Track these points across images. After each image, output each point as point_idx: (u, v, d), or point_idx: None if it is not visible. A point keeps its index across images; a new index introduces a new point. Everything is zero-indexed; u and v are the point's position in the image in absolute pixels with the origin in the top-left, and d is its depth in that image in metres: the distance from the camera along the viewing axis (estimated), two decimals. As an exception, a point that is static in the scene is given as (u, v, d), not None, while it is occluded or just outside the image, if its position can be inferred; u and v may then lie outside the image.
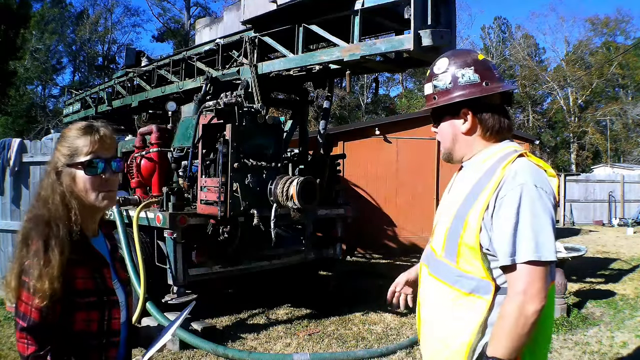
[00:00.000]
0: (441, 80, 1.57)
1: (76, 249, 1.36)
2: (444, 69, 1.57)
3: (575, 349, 4.60)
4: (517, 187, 1.39)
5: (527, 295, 1.33)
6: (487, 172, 1.49)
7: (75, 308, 1.34)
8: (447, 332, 1.49)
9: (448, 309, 1.49)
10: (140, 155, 6.31)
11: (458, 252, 1.47)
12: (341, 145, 9.80)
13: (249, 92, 5.28)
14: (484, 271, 1.44)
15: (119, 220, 5.44)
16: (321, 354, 4.36)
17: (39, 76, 29.28)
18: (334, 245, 6.22)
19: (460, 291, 1.47)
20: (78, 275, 1.35)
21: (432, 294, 1.58)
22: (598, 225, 17.36)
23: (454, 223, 1.50)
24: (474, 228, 1.43)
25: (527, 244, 1.35)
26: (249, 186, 4.70)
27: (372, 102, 34.76)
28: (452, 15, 4.48)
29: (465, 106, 1.55)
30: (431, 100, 1.61)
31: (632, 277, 7.79)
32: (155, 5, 35.89)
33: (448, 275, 1.50)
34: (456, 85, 1.54)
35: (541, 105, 39.23)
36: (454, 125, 1.58)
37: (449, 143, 1.62)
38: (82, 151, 1.42)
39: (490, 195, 1.42)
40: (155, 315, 4.79)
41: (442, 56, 1.62)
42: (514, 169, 1.44)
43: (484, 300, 1.43)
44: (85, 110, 10.08)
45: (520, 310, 1.33)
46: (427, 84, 1.63)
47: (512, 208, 1.38)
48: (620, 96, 37.88)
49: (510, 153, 1.51)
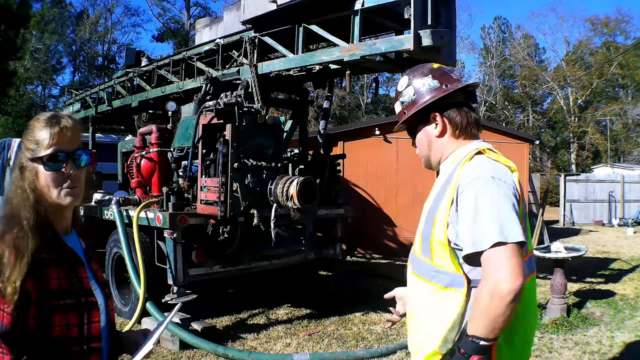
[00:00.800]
0: (406, 95, 1.69)
1: (47, 248, 1.27)
2: (406, 84, 1.69)
3: (575, 349, 4.60)
4: (474, 180, 1.46)
5: (499, 274, 1.34)
6: (451, 172, 1.58)
7: (52, 311, 1.24)
8: (430, 326, 1.55)
9: (428, 304, 1.56)
10: (140, 155, 6.32)
11: (431, 249, 1.55)
12: (341, 145, 9.79)
13: (249, 92, 5.28)
14: (454, 266, 1.50)
15: (119, 220, 5.44)
16: (321, 354, 4.36)
17: (39, 76, 29.30)
18: (334, 245, 6.23)
19: (437, 285, 1.53)
20: (52, 276, 1.26)
21: (414, 290, 1.66)
22: (598, 225, 17.36)
23: (426, 222, 1.59)
24: (442, 224, 1.51)
25: (491, 229, 1.37)
26: (249, 186, 4.70)
27: (372, 102, 34.77)
28: (452, 15, 4.48)
29: (432, 110, 1.64)
30: (402, 116, 1.71)
31: (632, 277, 7.79)
32: (155, 5, 35.94)
33: (426, 271, 1.58)
34: (419, 95, 1.65)
35: (541, 105, 39.28)
36: (427, 131, 1.68)
37: (426, 150, 1.71)
38: (43, 144, 1.32)
39: (452, 191, 1.50)
40: (155, 315, 4.80)
41: (402, 75, 1.75)
42: (471, 165, 1.53)
43: (459, 293, 1.48)
44: (85, 110, 10.07)
45: (493, 290, 1.34)
46: (395, 104, 1.74)
47: (471, 199, 1.44)
48: (620, 96, 37.89)
49: (468, 152, 1.59)
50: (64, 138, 1.33)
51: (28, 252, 1.22)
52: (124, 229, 5.40)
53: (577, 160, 35.19)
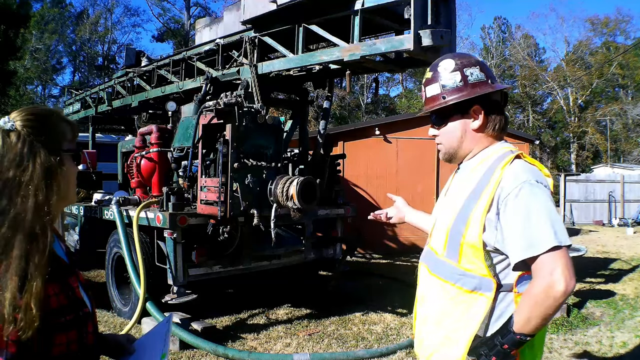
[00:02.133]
0: (450, 79, 1.58)
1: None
2: (452, 68, 1.59)
3: (575, 349, 4.60)
4: (521, 185, 1.43)
5: (555, 276, 1.36)
6: (486, 173, 1.53)
7: (54, 330, 1.13)
8: (450, 329, 1.53)
9: (451, 307, 1.53)
10: (140, 155, 6.32)
11: (460, 251, 1.51)
12: (341, 145, 9.80)
13: (249, 92, 5.27)
14: (485, 269, 1.47)
15: (119, 220, 5.44)
16: (321, 354, 4.36)
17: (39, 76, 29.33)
18: (334, 245, 6.23)
19: (462, 289, 1.50)
20: (50, 293, 1.13)
21: (434, 292, 1.61)
22: (598, 225, 17.36)
23: (456, 223, 1.53)
24: (477, 228, 1.47)
25: (547, 233, 1.38)
26: (249, 186, 4.70)
27: (372, 102, 34.77)
28: (452, 15, 4.48)
29: (476, 103, 1.57)
30: (439, 100, 1.60)
31: (632, 277, 7.79)
32: (155, 5, 35.95)
33: (450, 274, 1.54)
34: (467, 83, 1.56)
35: (541, 105, 39.26)
36: (465, 123, 1.60)
37: (456, 142, 1.62)
38: (67, 138, 1.23)
39: (491, 195, 1.46)
40: (155, 315, 4.80)
41: (445, 57, 1.63)
42: (513, 169, 1.48)
43: (485, 297, 1.47)
44: (85, 110, 10.07)
45: (549, 290, 1.35)
46: (432, 85, 1.62)
47: (521, 204, 1.42)
48: (620, 96, 37.90)
49: (507, 154, 1.55)
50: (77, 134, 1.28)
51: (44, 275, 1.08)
52: (124, 229, 5.40)
53: (577, 160, 35.18)
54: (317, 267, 6.85)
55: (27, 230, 1.09)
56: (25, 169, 1.12)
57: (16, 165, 1.12)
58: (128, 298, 5.56)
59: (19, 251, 1.07)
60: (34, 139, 1.15)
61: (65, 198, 1.24)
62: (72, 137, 1.25)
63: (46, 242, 1.11)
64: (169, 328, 1.46)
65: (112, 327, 5.20)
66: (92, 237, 6.68)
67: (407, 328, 5.20)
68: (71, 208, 7.17)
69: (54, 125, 1.21)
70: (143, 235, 5.31)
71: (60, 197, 1.19)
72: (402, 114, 20.31)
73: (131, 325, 4.93)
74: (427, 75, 1.66)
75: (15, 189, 1.11)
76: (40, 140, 1.16)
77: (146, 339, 1.49)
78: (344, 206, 6.18)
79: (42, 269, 1.08)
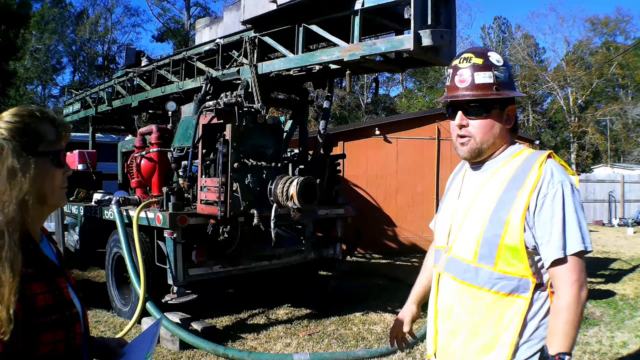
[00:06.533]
0: (502, 72, 1.56)
1: (30, 261, 1.14)
2: (502, 62, 1.57)
3: (575, 349, 4.60)
4: (558, 185, 1.45)
5: (580, 282, 1.40)
6: (517, 173, 1.51)
7: (39, 330, 1.13)
8: (488, 337, 1.49)
9: (487, 314, 1.50)
10: (140, 155, 6.32)
11: (498, 254, 1.47)
12: (341, 145, 9.80)
13: (249, 92, 5.28)
14: (525, 270, 1.46)
15: (119, 220, 5.44)
16: (321, 354, 4.36)
17: (39, 76, 29.30)
18: (334, 245, 6.23)
19: (499, 294, 1.48)
20: (36, 292, 1.14)
21: (465, 302, 1.55)
22: (598, 225, 17.36)
23: (490, 227, 1.49)
24: (517, 229, 1.45)
25: (576, 237, 1.42)
26: (249, 186, 4.70)
27: (372, 102, 34.76)
28: (452, 15, 4.48)
29: (511, 103, 1.60)
30: (490, 90, 1.54)
31: (632, 277, 7.79)
32: (155, 5, 35.93)
33: (485, 279, 1.50)
34: (510, 82, 1.58)
35: (541, 105, 39.26)
36: (500, 119, 1.58)
37: (492, 137, 1.57)
38: (50, 139, 1.22)
39: (530, 194, 1.46)
40: (155, 315, 4.80)
41: (489, 49, 1.62)
42: (549, 168, 1.48)
43: (522, 299, 1.46)
44: (85, 110, 10.07)
45: (578, 298, 1.39)
46: (484, 72, 1.54)
47: (558, 204, 1.44)
48: (620, 96, 37.90)
49: (536, 153, 1.55)
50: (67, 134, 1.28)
51: (19, 271, 1.09)
52: (124, 229, 5.40)
53: (577, 160, 35.17)
54: (317, 267, 6.85)
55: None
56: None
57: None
58: (128, 298, 5.56)
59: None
60: (4, 142, 1.15)
61: (44, 200, 1.22)
62: (55, 139, 1.23)
63: (12, 241, 1.10)
64: (157, 330, 1.46)
65: (112, 327, 5.20)
66: (92, 237, 6.68)
67: (407, 328, 5.19)
68: (71, 208, 7.17)
69: (29, 127, 1.20)
70: (143, 235, 5.31)
71: (37, 200, 1.19)
72: (402, 114, 20.33)
73: (131, 325, 4.93)
74: (474, 60, 1.56)
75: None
76: (12, 143, 1.15)
77: (136, 342, 1.49)
78: (344, 206, 6.18)
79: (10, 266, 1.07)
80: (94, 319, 5.41)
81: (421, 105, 31.68)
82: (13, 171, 1.14)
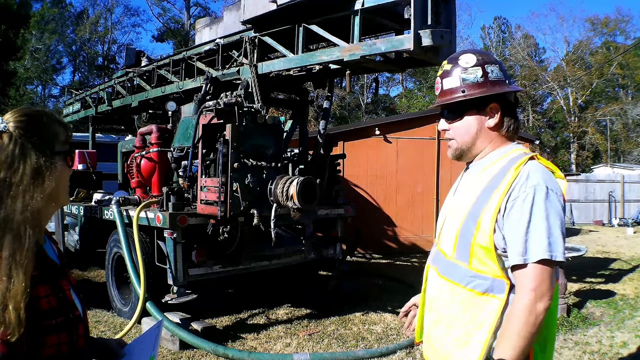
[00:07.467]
0: (471, 73, 1.55)
1: (36, 263, 1.12)
2: (473, 62, 1.56)
3: (575, 349, 4.60)
4: (530, 189, 1.41)
5: (537, 293, 1.35)
6: (498, 173, 1.50)
7: (44, 332, 1.12)
8: (462, 332, 1.50)
9: (462, 310, 1.50)
10: (140, 155, 6.32)
11: (471, 252, 1.48)
12: (341, 145, 9.79)
13: (249, 92, 5.28)
14: (498, 270, 1.45)
15: (119, 220, 5.44)
16: (321, 354, 4.36)
17: (39, 76, 29.31)
18: (334, 245, 6.23)
19: (474, 291, 1.47)
20: (41, 294, 1.13)
21: (444, 295, 1.58)
22: (598, 225, 17.36)
23: (465, 224, 1.50)
24: (487, 229, 1.45)
25: (540, 243, 1.37)
26: (249, 186, 4.70)
27: (372, 102, 34.77)
28: (452, 15, 4.48)
29: (494, 101, 1.56)
30: (457, 93, 1.56)
31: (632, 277, 7.79)
32: (155, 5, 35.93)
33: (461, 276, 1.51)
34: (487, 80, 1.54)
35: (541, 105, 39.24)
36: (481, 120, 1.57)
37: (470, 138, 1.59)
38: (60, 139, 1.21)
39: (502, 196, 1.44)
40: (155, 315, 4.80)
41: (465, 52, 1.62)
42: (526, 171, 1.45)
43: (498, 299, 1.44)
44: (85, 110, 10.08)
45: (531, 308, 1.34)
46: (450, 77, 1.58)
47: (526, 209, 1.40)
48: (620, 96, 37.89)
49: (521, 155, 1.52)
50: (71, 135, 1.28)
51: (30, 274, 1.08)
52: (124, 229, 5.40)
53: (577, 160, 35.17)
54: (317, 267, 6.85)
55: (15, 231, 1.09)
56: (15, 170, 1.12)
57: (7, 166, 1.12)
58: (128, 298, 5.56)
59: (8, 252, 1.07)
60: (25, 141, 1.15)
61: (56, 200, 1.22)
62: (65, 139, 1.24)
63: (31, 243, 1.09)
64: (159, 332, 1.46)
65: (112, 327, 5.20)
66: (92, 237, 6.68)
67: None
68: (71, 208, 7.17)
69: (47, 126, 1.21)
70: (143, 235, 5.31)
71: (50, 199, 1.19)
72: (402, 114, 20.33)
73: (131, 325, 4.94)
74: (444, 67, 1.62)
75: (6, 190, 1.11)
76: (32, 142, 1.15)
77: (137, 343, 1.48)
78: (344, 206, 6.18)
79: (24, 268, 1.07)
80: (94, 319, 5.41)
81: (421, 105, 31.66)
82: (38, 170, 1.14)
